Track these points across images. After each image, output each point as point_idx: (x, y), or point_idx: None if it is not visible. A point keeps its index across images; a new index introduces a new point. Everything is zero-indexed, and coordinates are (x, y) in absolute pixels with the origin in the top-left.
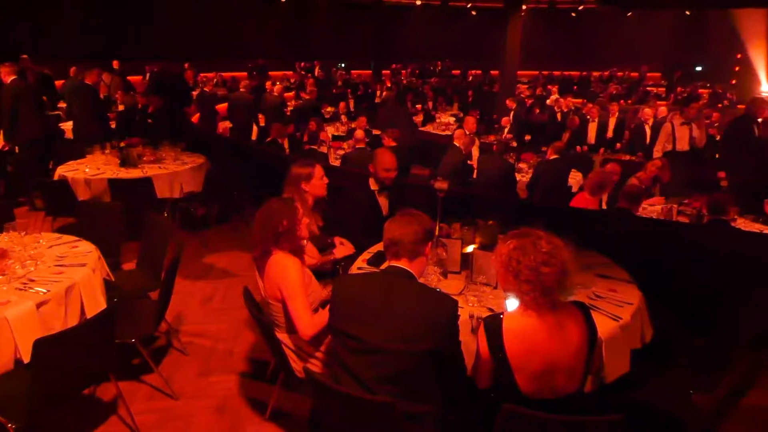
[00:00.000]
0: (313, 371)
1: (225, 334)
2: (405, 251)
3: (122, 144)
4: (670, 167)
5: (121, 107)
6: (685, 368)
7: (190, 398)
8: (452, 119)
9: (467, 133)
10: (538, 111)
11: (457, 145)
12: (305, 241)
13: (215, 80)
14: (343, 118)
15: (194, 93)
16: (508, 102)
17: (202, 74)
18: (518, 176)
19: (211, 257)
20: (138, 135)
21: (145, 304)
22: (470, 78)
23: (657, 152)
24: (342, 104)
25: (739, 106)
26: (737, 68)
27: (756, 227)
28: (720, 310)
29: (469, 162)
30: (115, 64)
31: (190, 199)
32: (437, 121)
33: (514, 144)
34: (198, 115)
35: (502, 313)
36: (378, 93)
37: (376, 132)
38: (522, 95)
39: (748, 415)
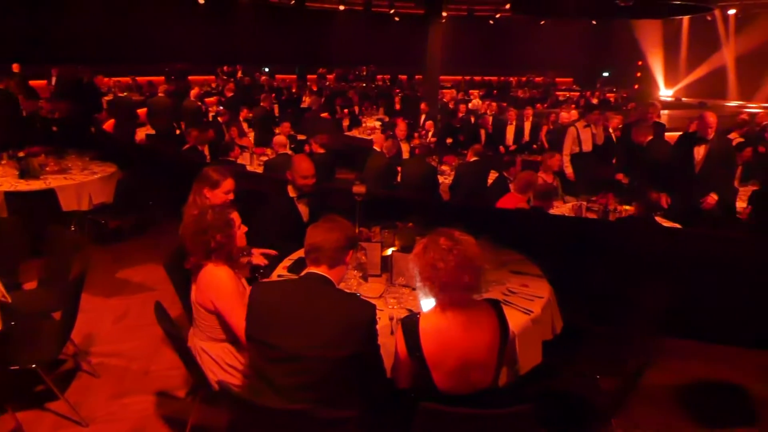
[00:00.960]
0: (226, 383)
1: (140, 353)
2: (326, 258)
3: (21, 153)
4: (578, 167)
5: (23, 113)
6: (592, 355)
7: (101, 423)
8: (377, 123)
9: (396, 137)
10: (461, 115)
11: (377, 149)
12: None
13: (130, 85)
14: None
15: (107, 98)
16: (422, 105)
17: (115, 78)
18: (441, 178)
19: (125, 272)
20: (40, 143)
21: (47, 326)
22: (396, 82)
23: (565, 155)
24: None
25: (630, 105)
26: (639, 74)
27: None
28: (624, 298)
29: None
30: (15, 67)
31: (102, 211)
32: (363, 125)
33: (433, 146)
34: (113, 121)
35: (418, 313)
36: (303, 98)
37: (301, 137)
38: (445, 99)
39: (648, 393)
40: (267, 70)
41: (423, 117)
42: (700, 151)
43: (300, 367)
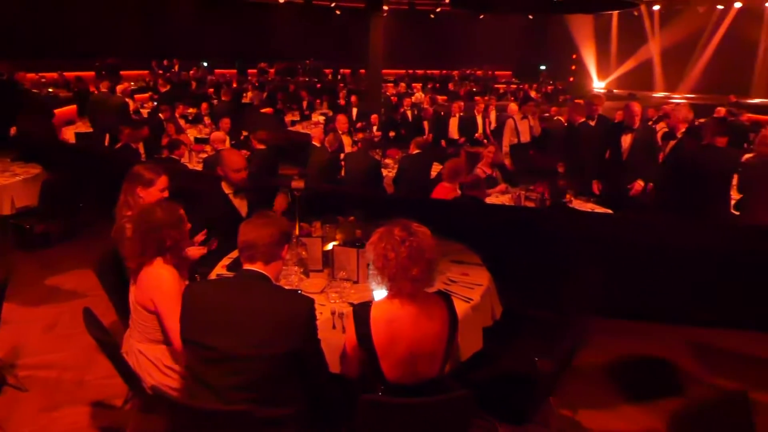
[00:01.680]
0: (160, 388)
1: (73, 362)
2: (260, 254)
3: None
4: (516, 158)
5: None
6: (530, 339)
7: None
8: (322, 118)
9: (337, 131)
10: (402, 109)
11: (317, 144)
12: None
13: (57, 81)
14: (207, 119)
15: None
16: (352, 99)
17: (40, 74)
18: (384, 172)
19: (54, 279)
20: None
21: None
22: (339, 77)
23: (505, 146)
24: (204, 105)
25: (576, 101)
26: (573, 67)
27: (588, 206)
28: (559, 283)
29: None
30: None
31: (26, 216)
32: (310, 120)
33: (377, 140)
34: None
35: (371, 302)
36: (244, 93)
37: (245, 133)
38: (388, 93)
39: (583, 372)
40: (205, 64)
41: (356, 111)
42: (626, 140)
43: (237, 367)
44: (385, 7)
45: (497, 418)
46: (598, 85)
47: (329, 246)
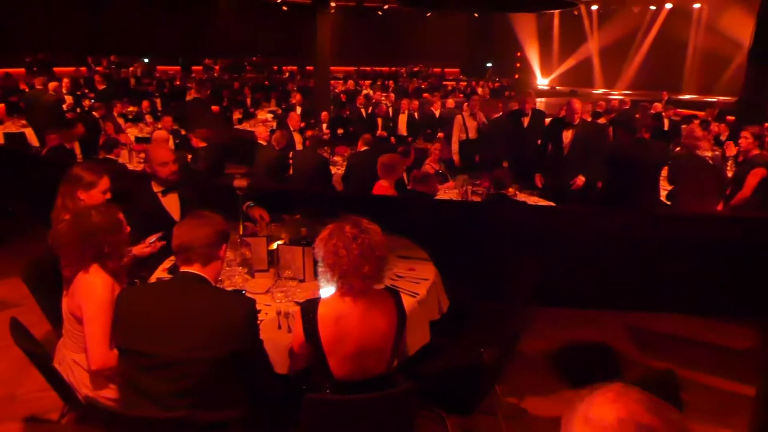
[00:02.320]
0: (94, 399)
1: (4, 376)
2: (197, 256)
3: None
4: (464, 153)
5: None
6: (477, 330)
7: None
8: (270, 116)
9: (289, 129)
10: (358, 105)
11: (262, 143)
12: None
13: None
14: (148, 118)
15: None
16: (298, 97)
17: None
18: (333, 169)
19: None
20: None
21: None
22: (287, 74)
23: (454, 143)
24: (146, 103)
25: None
26: (518, 65)
27: (533, 200)
28: (504, 274)
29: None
30: None
31: None
32: (256, 118)
33: (325, 137)
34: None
35: (318, 299)
36: (188, 91)
37: (183, 132)
38: (337, 90)
39: (527, 359)
40: (147, 61)
41: (299, 109)
42: (568, 135)
43: (176, 373)
44: (333, 4)
45: (445, 409)
46: (542, 82)
47: (274, 245)
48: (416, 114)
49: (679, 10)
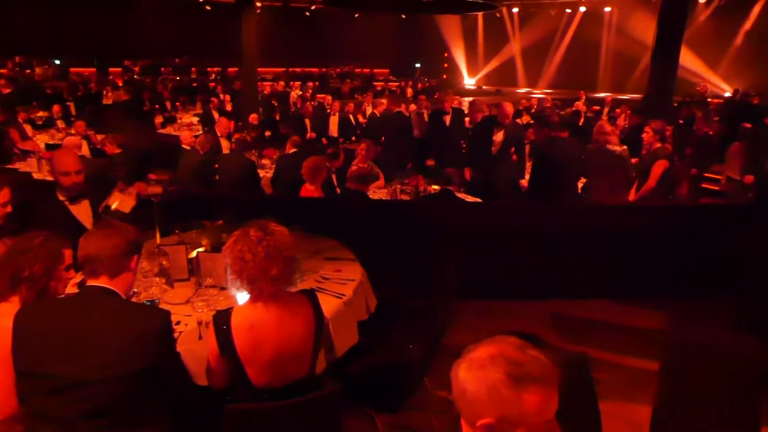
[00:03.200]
0: None
1: None
2: (104, 268)
3: None
4: (397, 153)
5: None
6: (406, 327)
7: None
8: (196, 120)
9: (215, 133)
10: (300, 107)
11: (186, 147)
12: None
13: None
14: (60, 123)
15: None
16: (222, 98)
17: None
18: (262, 173)
19: None
20: None
21: None
22: (212, 76)
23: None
24: (57, 107)
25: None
26: (446, 65)
27: (460, 196)
28: (431, 271)
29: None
30: None
31: None
32: (179, 122)
33: (250, 139)
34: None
35: (231, 309)
36: (105, 94)
37: (100, 137)
38: (265, 92)
39: (454, 352)
40: (58, 62)
41: (216, 113)
42: (498, 135)
43: (85, 393)
44: (258, 3)
45: (374, 408)
46: (469, 82)
47: (194, 253)
48: (351, 116)
49: (592, 13)
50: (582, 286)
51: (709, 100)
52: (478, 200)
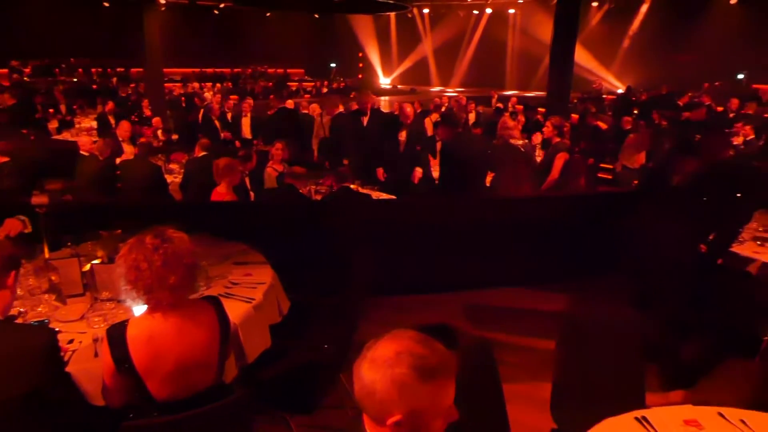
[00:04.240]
0: None
1: None
2: None
3: None
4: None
5: None
6: (320, 327)
7: None
8: (96, 124)
9: (116, 137)
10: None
11: (85, 153)
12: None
13: None
14: None
15: None
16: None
17: None
18: (171, 177)
19: None
20: None
21: None
22: (115, 78)
23: (315, 144)
24: None
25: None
26: (361, 65)
27: (375, 194)
28: (345, 269)
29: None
30: None
31: None
32: (77, 126)
33: (156, 144)
34: None
35: (127, 321)
36: None
37: None
38: (174, 93)
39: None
40: None
41: (111, 117)
42: (403, 134)
43: None
44: (162, 1)
45: (289, 411)
46: (385, 81)
47: (88, 266)
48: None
49: (498, 15)
50: (494, 275)
51: (604, 96)
52: (393, 197)
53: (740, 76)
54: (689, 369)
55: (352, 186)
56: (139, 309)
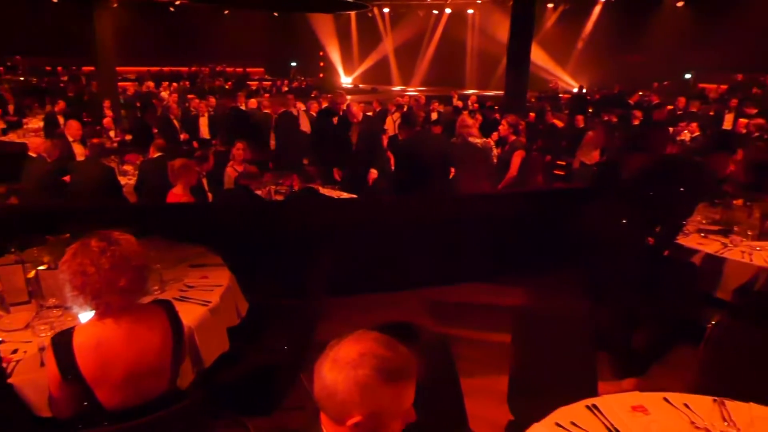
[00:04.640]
0: None
1: None
2: None
3: None
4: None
5: None
6: (279, 328)
7: None
8: (42, 124)
9: (65, 138)
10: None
11: (33, 155)
12: None
13: None
14: None
15: None
16: (60, 103)
17: None
18: (125, 179)
19: None
20: None
21: None
22: (66, 78)
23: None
24: None
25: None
26: (322, 64)
27: (335, 194)
28: (304, 269)
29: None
30: None
31: None
32: (25, 127)
33: (109, 145)
34: None
35: (73, 328)
36: None
37: None
38: (128, 93)
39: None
40: None
41: (61, 117)
42: (355, 134)
43: None
44: None
45: (248, 414)
46: (346, 81)
47: (33, 272)
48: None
49: (457, 15)
50: (454, 272)
51: (560, 95)
52: (354, 196)
53: (687, 76)
54: (640, 357)
55: (314, 186)
56: (87, 316)
